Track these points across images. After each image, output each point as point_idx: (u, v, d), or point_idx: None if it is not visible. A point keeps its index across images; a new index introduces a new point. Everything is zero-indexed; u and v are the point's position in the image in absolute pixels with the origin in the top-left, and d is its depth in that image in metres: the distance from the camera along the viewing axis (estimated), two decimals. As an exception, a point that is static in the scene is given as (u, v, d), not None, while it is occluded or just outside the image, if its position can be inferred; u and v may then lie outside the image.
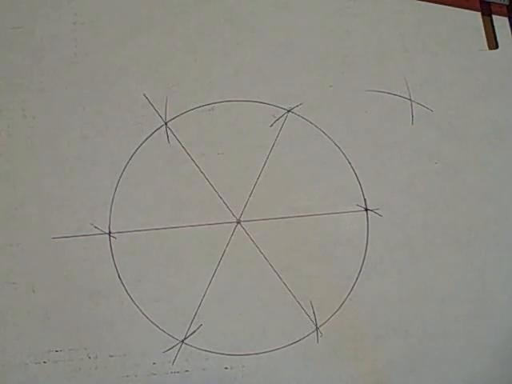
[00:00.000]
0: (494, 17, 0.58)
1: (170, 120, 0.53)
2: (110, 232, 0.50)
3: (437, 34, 0.56)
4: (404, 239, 0.51)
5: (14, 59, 0.54)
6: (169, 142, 0.52)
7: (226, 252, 0.50)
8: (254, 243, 0.50)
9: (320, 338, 0.49)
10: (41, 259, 0.49)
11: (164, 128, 0.53)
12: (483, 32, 0.57)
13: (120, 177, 0.51)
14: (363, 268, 0.50)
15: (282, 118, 0.53)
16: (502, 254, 0.51)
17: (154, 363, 0.48)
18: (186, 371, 0.48)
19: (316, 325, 0.49)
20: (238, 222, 0.51)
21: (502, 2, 0.58)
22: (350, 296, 0.50)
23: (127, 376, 0.47)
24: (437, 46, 0.56)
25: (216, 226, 0.51)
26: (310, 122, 0.53)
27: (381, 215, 0.52)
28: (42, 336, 0.48)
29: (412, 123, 0.54)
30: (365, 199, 0.52)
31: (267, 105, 0.54)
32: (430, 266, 0.51)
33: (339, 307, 0.49)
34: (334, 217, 0.51)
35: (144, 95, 0.53)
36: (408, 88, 0.54)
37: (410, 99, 0.54)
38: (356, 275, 0.50)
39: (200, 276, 0.50)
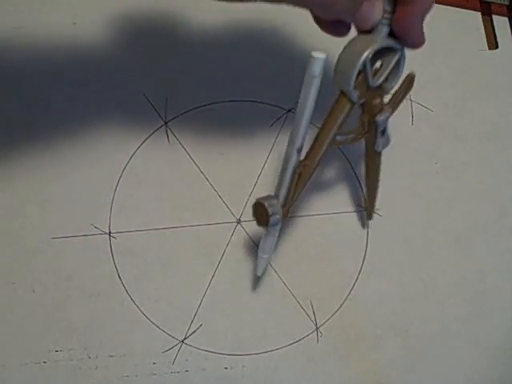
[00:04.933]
0: (494, 17, 0.58)
1: (170, 120, 0.53)
2: (110, 232, 0.50)
3: (437, 34, 0.56)
4: (404, 239, 0.51)
5: (14, 59, 0.54)
6: (169, 142, 0.52)
7: (225, 252, 0.50)
8: (254, 243, 0.50)
9: (320, 338, 0.49)
10: (41, 259, 0.49)
11: (164, 128, 0.53)
12: (483, 32, 0.57)
13: (120, 177, 0.51)
14: (363, 268, 0.50)
15: (282, 118, 0.53)
16: (502, 253, 0.51)
17: (154, 363, 0.48)
18: (186, 371, 0.48)
19: (316, 325, 0.49)
20: (238, 222, 0.51)
21: (501, 2, 0.58)
22: (349, 296, 0.50)
23: (127, 376, 0.47)
24: (437, 46, 0.56)
25: (216, 225, 0.51)
26: (310, 122, 0.53)
27: (381, 215, 0.52)
28: (42, 336, 0.48)
29: (412, 123, 0.54)
30: (365, 199, 0.51)
31: (267, 105, 0.54)
32: (429, 266, 0.51)
33: (339, 307, 0.49)
34: (333, 217, 0.51)
35: (144, 95, 0.53)
36: (408, 88, 0.54)
37: (409, 99, 0.54)
38: (356, 275, 0.50)
39: (200, 276, 0.50)
